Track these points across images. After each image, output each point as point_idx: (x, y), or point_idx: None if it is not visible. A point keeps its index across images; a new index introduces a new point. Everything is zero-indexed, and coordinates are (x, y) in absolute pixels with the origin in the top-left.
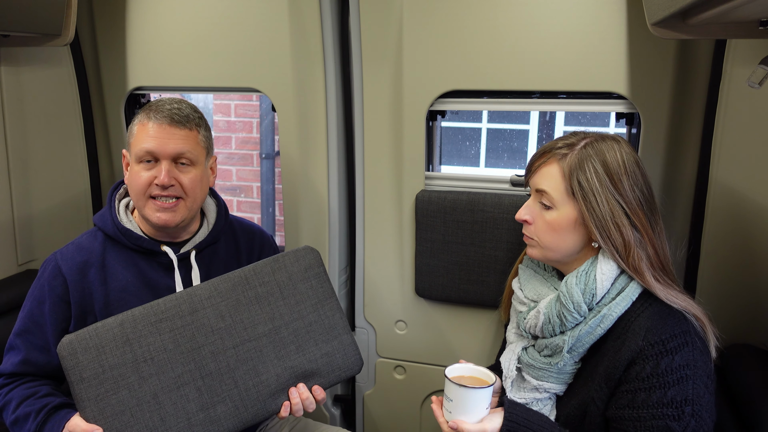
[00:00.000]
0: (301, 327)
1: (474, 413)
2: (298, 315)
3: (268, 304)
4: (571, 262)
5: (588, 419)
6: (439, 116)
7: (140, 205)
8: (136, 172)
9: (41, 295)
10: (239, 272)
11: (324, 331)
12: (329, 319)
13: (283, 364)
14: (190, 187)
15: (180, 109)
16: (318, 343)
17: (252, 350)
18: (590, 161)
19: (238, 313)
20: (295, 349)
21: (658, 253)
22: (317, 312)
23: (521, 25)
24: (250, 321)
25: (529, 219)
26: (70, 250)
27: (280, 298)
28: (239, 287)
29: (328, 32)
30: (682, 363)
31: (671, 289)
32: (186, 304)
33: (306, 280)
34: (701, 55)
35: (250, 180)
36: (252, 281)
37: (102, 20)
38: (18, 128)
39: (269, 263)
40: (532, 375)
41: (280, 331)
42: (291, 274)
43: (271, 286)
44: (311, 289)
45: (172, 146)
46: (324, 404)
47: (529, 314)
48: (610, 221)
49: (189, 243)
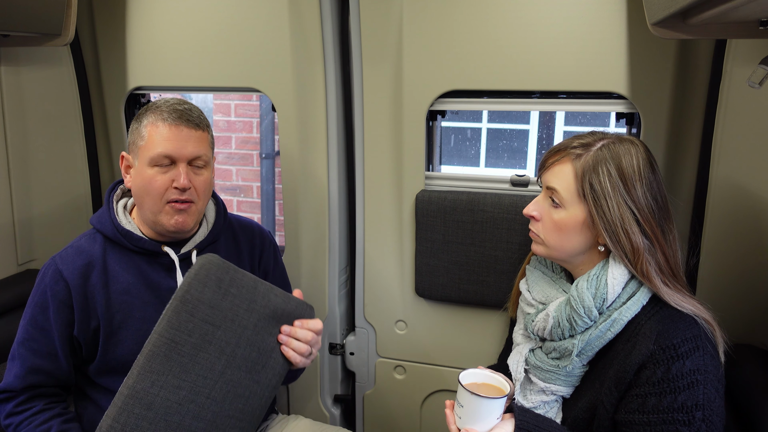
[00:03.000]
0: (251, 334)
1: (485, 422)
2: (241, 328)
3: (209, 344)
4: (578, 264)
5: (596, 422)
6: (439, 116)
7: (155, 210)
8: (151, 177)
9: (43, 301)
10: (160, 337)
11: (270, 319)
12: (268, 307)
13: (258, 373)
14: (202, 190)
15: (190, 110)
16: (272, 332)
17: (224, 387)
18: (605, 164)
19: (189, 374)
20: (258, 354)
21: (668, 260)
22: (254, 311)
23: (521, 25)
24: (203, 370)
25: (537, 215)
26: (70, 253)
27: (214, 329)
28: (173, 353)
29: (328, 32)
30: (693, 368)
31: (680, 294)
32: (137, 406)
33: (225, 295)
34: (701, 55)
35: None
36: (179, 338)
37: (102, 20)
38: (18, 128)
39: (182, 309)
40: (539, 377)
41: (236, 354)
42: (210, 303)
43: (200, 327)
44: (235, 298)
45: (190, 149)
46: (324, 404)
47: (537, 317)
48: (619, 226)
49: (189, 243)
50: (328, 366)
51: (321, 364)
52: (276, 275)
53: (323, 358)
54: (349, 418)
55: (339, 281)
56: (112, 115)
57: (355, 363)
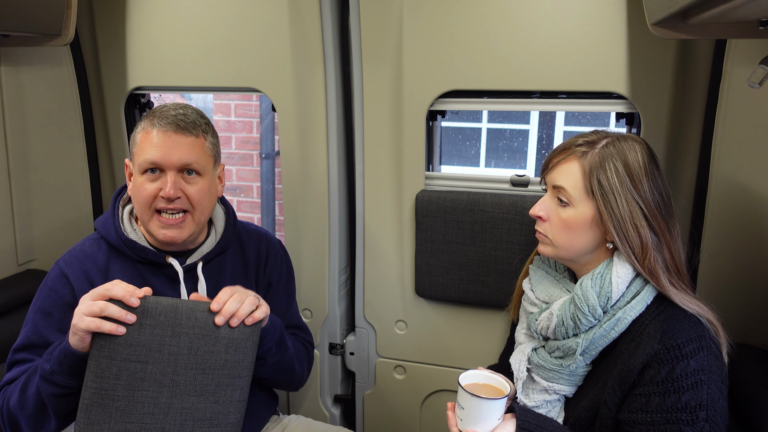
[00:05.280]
0: (187, 359)
1: (486, 423)
2: (173, 356)
3: (143, 381)
4: (584, 263)
5: (599, 421)
6: (439, 116)
7: (145, 219)
8: (140, 184)
9: (48, 305)
10: (88, 389)
11: (204, 337)
12: (197, 326)
13: (214, 394)
14: (197, 199)
15: (185, 115)
16: (213, 349)
17: (177, 417)
18: (611, 160)
19: (132, 414)
20: (205, 375)
21: (674, 257)
22: (182, 335)
23: (521, 25)
24: (147, 407)
25: (544, 215)
26: (74, 256)
27: (143, 366)
28: (107, 401)
29: (328, 32)
30: (697, 368)
31: (685, 294)
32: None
33: (141, 329)
34: (701, 55)
35: (250, 180)
36: (107, 385)
37: (102, 20)
38: (18, 128)
39: (100, 356)
40: (542, 376)
41: (177, 382)
42: (126, 342)
43: (126, 368)
44: (154, 329)
45: (177, 156)
46: (324, 404)
47: (541, 316)
48: (629, 222)
49: (196, 253)
50: (328, 366)
51: (321, 364)
52: (279, 287)
53: (323, 358)
54: (349, 418)
55: (339, 281)
56: (112, 115)
57: (355, 363)
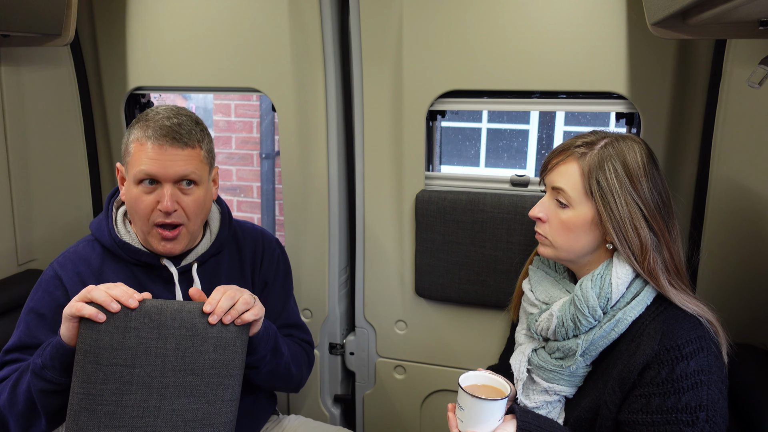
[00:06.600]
0: (175, 360)
1: (487, 424)
2: (160, 358)
3: (130, 385)
4: (584, 264)
5: (599, 422)
6: (439, 116)
7: (144, 230)
8: (136, 196)
9: (41, 306)
10: (76, 395)
11: (192, 338)
12: (184, 327)
13: (205, 394)
14: (193, 211)
15: (180, 125)
16: (201, 350)
17: (168, 420)
18: (610, 161)
19: (121, 418)
20: (194, 376)
21: (673, 258)
22: (168, 337)
23: (521, 25)
24: (136, 410)
25: (543, 217)
26: (68, 258)
27: (129, 369)
28: (96, 405)
29: (328, 32)
30: (697, 368)
31: (685, 294)
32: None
33: (125, 333)
34: (701, 55)
35: (250, 180)
36: (95, 390)
37: (102, 20)
38: (18, 128)
39: (85, 361)
40: (542, 377)
41: (166, 384)
42: (111, 346)
43: (112, 372)
44: (139, 331)
45: (174, 169)
46: (324, 404)
47: (540, 316)
48: (628, 223)
49: (191, 255)
50: (328, 366)
51: (321, 364)
52: (275, 286)
53: (323, 358)
54: (349, 418)
55: (339, 281)
56: (112, 115)
57: (355, 363)
